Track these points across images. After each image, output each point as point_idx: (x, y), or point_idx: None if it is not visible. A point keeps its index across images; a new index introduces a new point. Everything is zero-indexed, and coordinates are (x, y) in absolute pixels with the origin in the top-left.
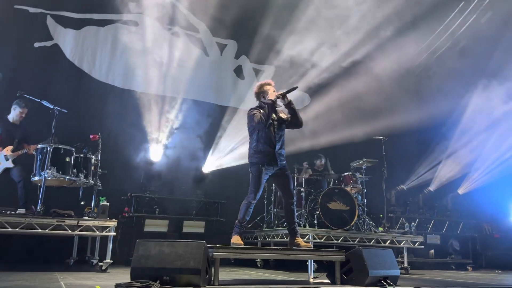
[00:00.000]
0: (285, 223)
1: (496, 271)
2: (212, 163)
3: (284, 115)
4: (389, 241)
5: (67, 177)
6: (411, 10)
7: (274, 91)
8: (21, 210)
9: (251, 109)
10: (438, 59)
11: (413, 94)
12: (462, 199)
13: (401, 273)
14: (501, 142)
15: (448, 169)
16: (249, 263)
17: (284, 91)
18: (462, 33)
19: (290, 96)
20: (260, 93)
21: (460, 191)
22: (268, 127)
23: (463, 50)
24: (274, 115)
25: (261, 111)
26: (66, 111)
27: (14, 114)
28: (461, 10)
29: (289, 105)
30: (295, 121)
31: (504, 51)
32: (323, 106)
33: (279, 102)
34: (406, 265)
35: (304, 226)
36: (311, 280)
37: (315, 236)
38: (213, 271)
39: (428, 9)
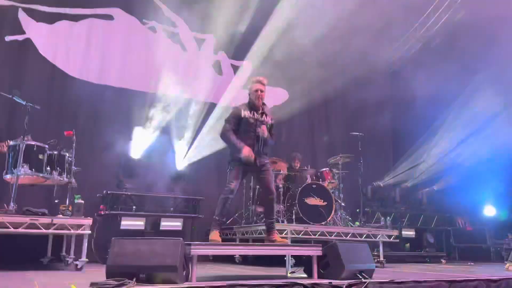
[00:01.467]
0: (263, 219)
1: (469, 263)
2: (187, 159)
3: (269, 118)
4: (365, 235)
5: (41, 174)
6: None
7: (260, 90)
8: None
9: (235, 107)
10: (412, 57)
11: (389, 91)
12: (436, 194)
13: (377, 267)
14: (479, 141)
15: (426, 167)
16: (228, 260)
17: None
18: (436, 31)
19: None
20: (249, 90)
21: (436, 187)
22: (250, 126)
23: (437, 48)
24: (257, 115)
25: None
26: (38, 108)
27: None
28: (435, 8)
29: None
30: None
31: (480, 50)
32: (301, 103)
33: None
34: (381, 258)
35: (282, 221)
36: (289, 275)
37: (293, 231)
38: (190, 268)
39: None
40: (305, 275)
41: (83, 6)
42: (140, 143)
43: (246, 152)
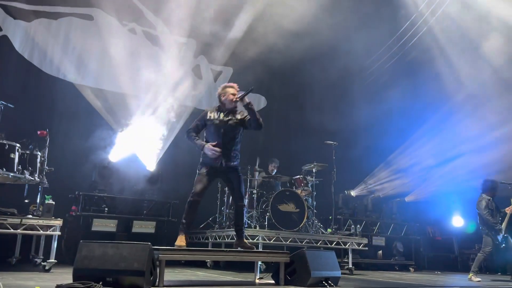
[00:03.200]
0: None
1: (436, 272)
2: (162, 162)
3: (240, 115)
4: (335, 243)
5: (11, 174)
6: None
7: (234, 94)
8: None
9: (204, 110)
10: (388, 69)
11: (364, 102)
12: (407, 204)
13: (345, 274)
14: (451, 156)
15: (399, 181)
16: (200, 264)
17: (241, 94)
18: (414, 43)
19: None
20: (221, 94)
21: (407, 199)
22: (215, 128)
23: (413, 60)
24: (223, 116)
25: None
26: (12, 106)
27: None
28: (413, 21)
29: (247, 107)
30: (254, 123)
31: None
32: (279, 110)
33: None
34: (350, 266)
35: (255, 227)
36: (257, 281)
37: (264, 237)
38: (158, 272)
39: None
40: (272, 282)
41: (62, 4)
42: (115, 144)
43: (208, 150)
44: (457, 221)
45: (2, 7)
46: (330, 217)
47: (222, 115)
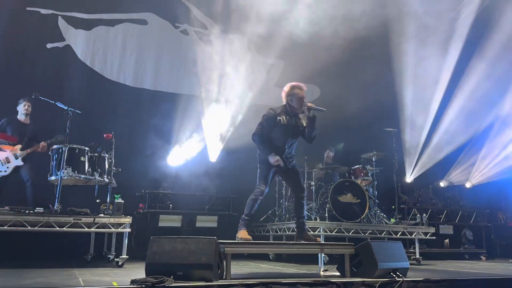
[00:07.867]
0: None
1: (510, 260)
2: (222, 157)
3: (304, 122)
4: (400, 233)
5: (82, 176)
6: None
7: (303, 98)
8: (39, 209)
9: (270, 109)
10: None
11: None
12: (475, 190)
13: (413, 264)
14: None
15: (462, 167)
16: (262, 256)
17: (313, 107)
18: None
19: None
20: (288, 95)
21: (469, 184)
22: (284, 131)
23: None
24: (292, 120)
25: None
26: (80, 112)
27: (20, 112)
28: None
29: (311, 119)
30: (309, 136)
31: None
32: (333, 97)
33: (305, 111)
34: (417, 256)
35: (315, 219)
36: (322, 273)
37: (326, 229)
38: (225, 265)
39: None
40: (338, 273)
41: (118, 11)
42: (177, 143)
43: (273, 161)
44: None
45: (64, 18)
46: (393, 207)
47: (290, 119)
